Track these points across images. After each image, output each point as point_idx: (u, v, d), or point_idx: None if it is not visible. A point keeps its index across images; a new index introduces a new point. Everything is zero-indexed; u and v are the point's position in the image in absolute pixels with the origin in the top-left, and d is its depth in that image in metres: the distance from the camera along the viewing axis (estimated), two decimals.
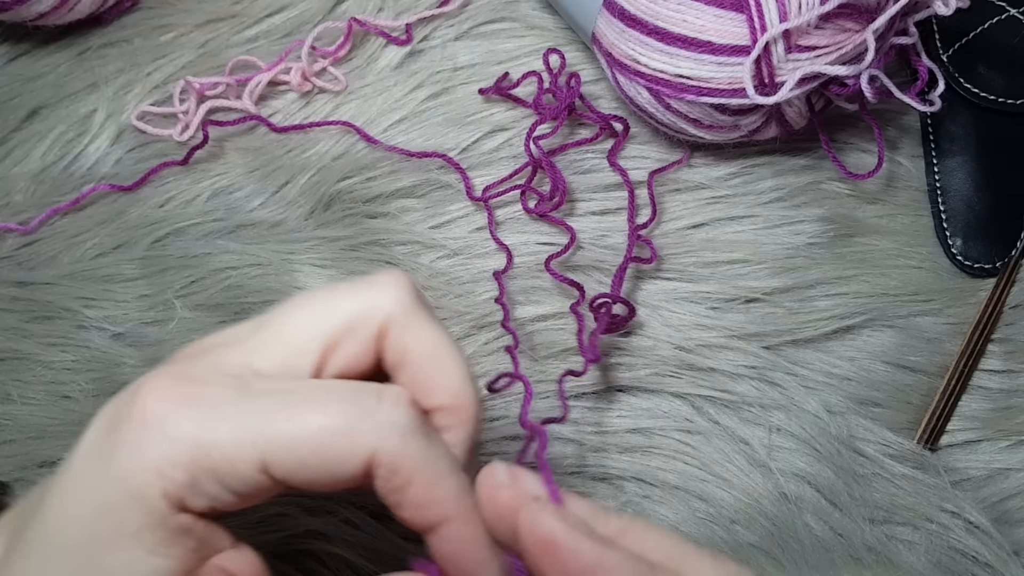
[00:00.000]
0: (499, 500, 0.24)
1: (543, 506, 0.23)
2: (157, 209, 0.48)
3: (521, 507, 0.23)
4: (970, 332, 0.44)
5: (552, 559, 0.22)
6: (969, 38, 0.49)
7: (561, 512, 0.23)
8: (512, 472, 0.24)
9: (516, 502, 0.23)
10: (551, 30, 0.51)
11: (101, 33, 0.53)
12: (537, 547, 0.22)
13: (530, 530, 0.22)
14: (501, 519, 0.24)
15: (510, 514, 0.23)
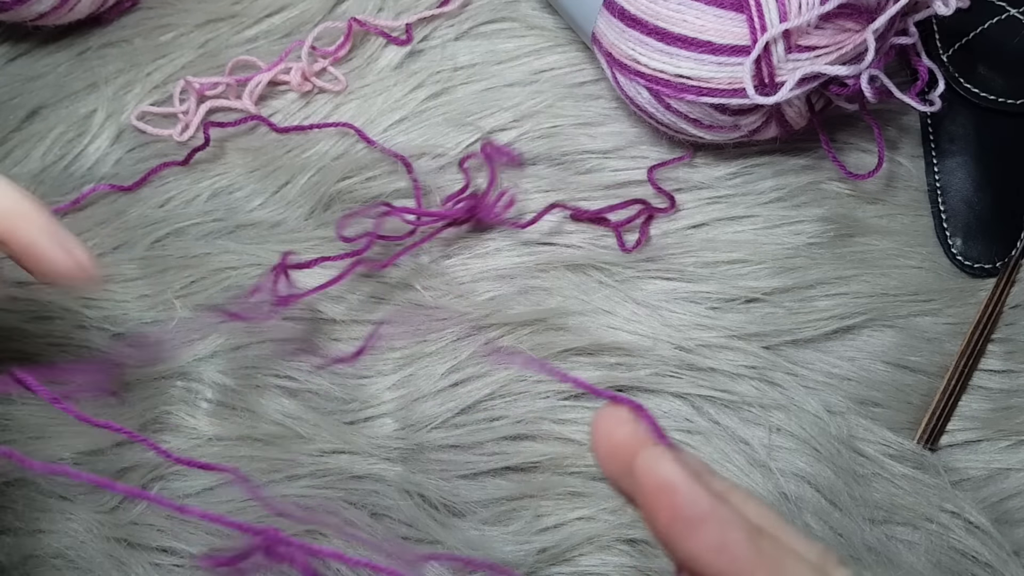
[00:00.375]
0: (616, 436, 0.24)
1: (665, 451, 0.23)
2: (157, 209, 0.48)
3: (641, 448, 0.23)
4: (970, 332, 0.44)
5: (667, 502, 0.22)
6: (969, 38, 0.49)
7: (681, 459, 0.23)
8: (634, 413, 0.24)
9: (635, 441, 0.23)
10: (551, 30, 0.51)
11: (101, 33, 0.53)
12: (654, 488, 0.22)
13: (649, 471, 0.22)
14: (615, 455, 0.24)
15: (626, 452, 0.23)
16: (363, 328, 0.44)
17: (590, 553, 0.40)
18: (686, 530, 0.22)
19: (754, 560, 0.22)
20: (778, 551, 0.22)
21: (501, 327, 0.43)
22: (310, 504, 0.41)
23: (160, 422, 0.42)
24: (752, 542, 0.22)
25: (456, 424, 0.42)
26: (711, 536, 0.22)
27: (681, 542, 0.22)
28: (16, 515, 0.41)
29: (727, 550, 0.22)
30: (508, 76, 0.50)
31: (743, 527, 0.22)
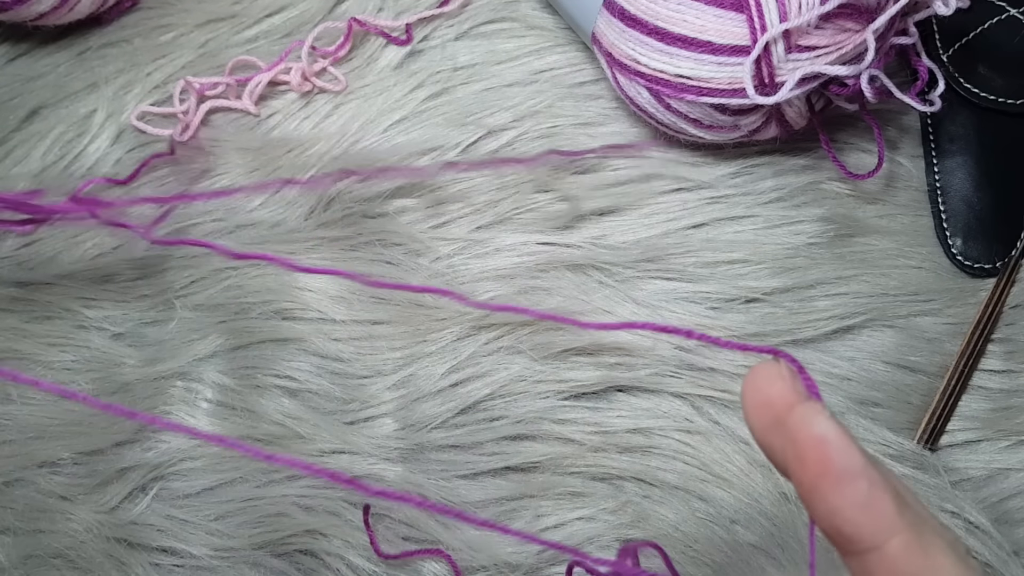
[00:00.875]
0: (773, 389, 0.25)
1: (822, 408, 0.24)
2: (156, 209, 0.48)
3: (797, 403, 0.24)
4: (970, 332, 0.44)
5: (820, 455, 0.23)
6: (969, 38, 0.49)
7: (836, 418, 0.24)
8: (793, 370, 0.25)
9: (793, 396, 0.24)
10: (551, 30, 0.51)
11: (101, 33, 0.53)
12: (809, 441, 0.23)
13: (805, 425, 0.23)
14: (768, 406, 0.25)
15: (781, 406, 0.24)
16: (363, 328, 0.44)
17: (590, 553, 0.40)
18: (835, 484, 0.23)
19: (897, 523, 0.22)
20: (919, 521, 0.23)
21: (501, 327, 0.43)
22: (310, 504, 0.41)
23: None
24: (899, 506, 0.23)
25: (456, 424, 0.42)
26: (859, 493, 0.22)
27: (828, 495, 0.23)
28: (16, 515, 0.41)
29: (873, 508, 0.22)
30: (508, 76, 0.50)
31: (891, 490, 0.23)
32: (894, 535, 0.23)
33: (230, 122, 0.51)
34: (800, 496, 0.24)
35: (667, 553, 0.25)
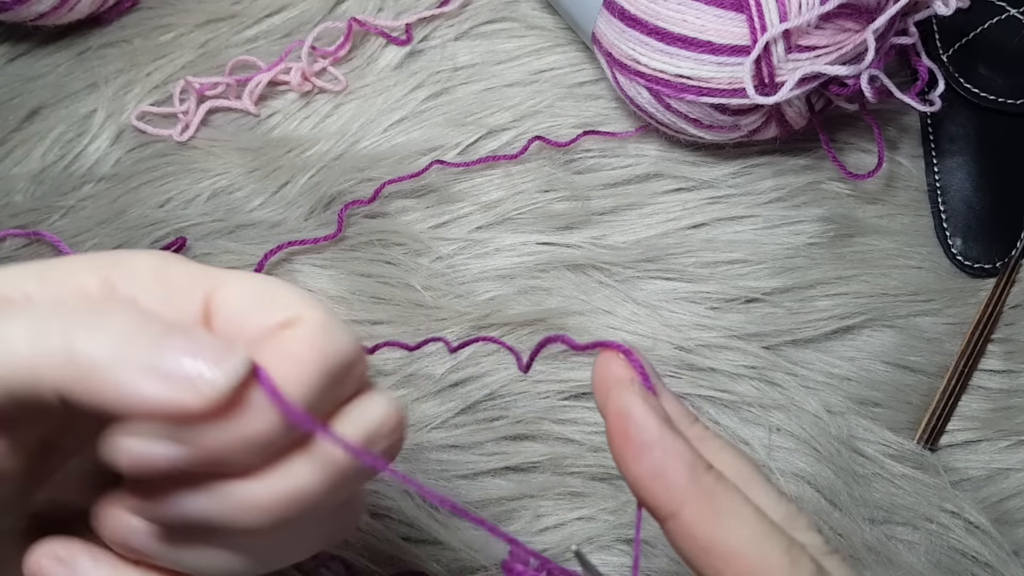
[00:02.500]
0: (609, 370, 0.26)
1: (633, 386, 0.25)
2: (157, 209, 0.48)
3: (617, 383, 0.26)
4: (970, 332, 0.44)
5: (622, 427, 0.25)
6: (969, 38, 0.49)
7: (645, 395, 0.25)
8: (627, 359, 0.26)
9: (615, 380, 0.26)
10: (551, 30, 0.51)
11: (101, 33, 0.53)
12: (614, 414, 0.25)
13: (614, 400, 0.25)
14: (599, 389, 0.26)
15: (607, 387, 0.26)
16: (363, 328, 0.44)
17: (590, 553, 0.40)
18: (634, 455, 0.24)
19: (688, 490, 0.24)
20: (722, 491, 0.24)
21: (501, 327, 0.43)
22: None
23: None
24: (692, 474, 0.24)
25: (456, 424, 0.42)
26: (653, 461, 0.24)
27: (628, 465, 0.24)
28: None
29: (663, 476, 0.24)
30: (508, 76, 0.50)
31: (686, 459, 0.24)
32: (685, 503, 0.23)
33: (230, 122, 0.51)
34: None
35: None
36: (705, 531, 0.24)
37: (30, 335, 0.20)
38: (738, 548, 0.24)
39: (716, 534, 0.24)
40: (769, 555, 0.24)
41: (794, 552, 0.24)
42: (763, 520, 0.24)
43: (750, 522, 0.24)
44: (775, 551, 0.24)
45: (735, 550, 0.24)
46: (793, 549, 0.24)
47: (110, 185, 0.49)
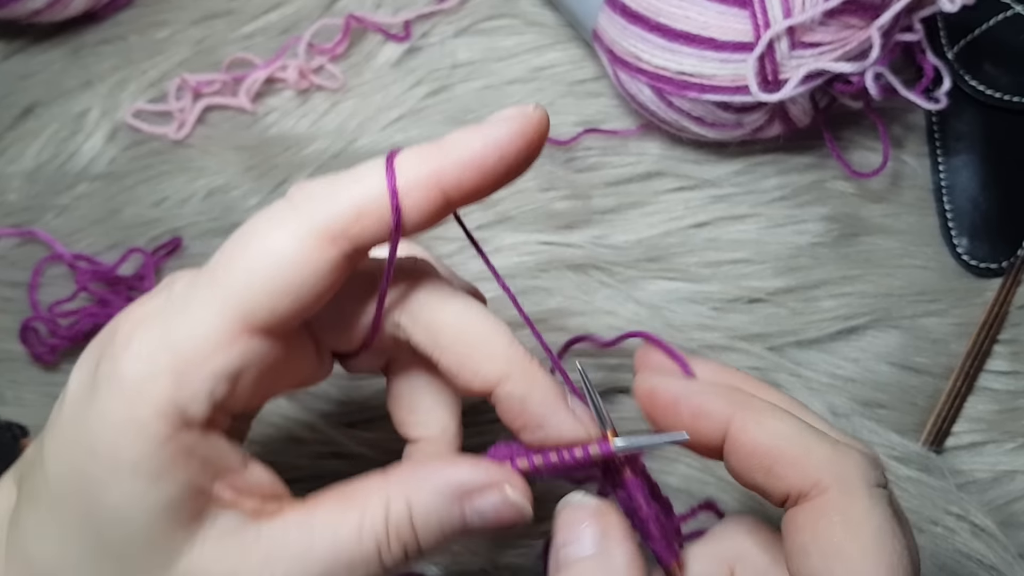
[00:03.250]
0: (646, 359, 0.31)
1: (653, 373, 0.29)
2: (152, 208, 0.48)
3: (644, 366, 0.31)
4: (976, 333, 0.44)
5: (650, 402, 0.28)
6: (975, 35, 0.48)
7: (662, 372, 0.30)
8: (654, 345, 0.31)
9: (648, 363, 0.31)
10: (551, 27, 0.51)
11: (96, 30, 0.53)
12: (643, 397, 0.29)
13: (637, 385, 0.29)
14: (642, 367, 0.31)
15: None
16: None
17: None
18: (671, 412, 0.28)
19: (727, 411, 0.27)
20: (760, 403, 0.27)
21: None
22: None
23: None
24: (728, 399, 0.27)
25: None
26: (689, 407, 0.28)
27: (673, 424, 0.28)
28: None
29: (703, 414, 0.27)
30: (508, 73, 0.50)
31: (719, 392, 0.27)
32: (730, 424, 0.27)
33: (226, 120, 0.50)
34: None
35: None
36: (749, 437, 0.26)
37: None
38: (781, 445, 0.25)
39: (759, 436, 0.25)
40: (813, 448, 0.25)
41: (841, 449, 0.25)
42: (805, 424, 0.26)
43: (790, 422, 0.26)
44: (820, 445, 0.25)
45: (779, 446, 0.25)
46: (840, 447, 0.25)
47: (105, 184, 0.48)
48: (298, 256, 0.24)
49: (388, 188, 0.24)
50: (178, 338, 0.23)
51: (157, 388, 0.23)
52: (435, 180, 0.25)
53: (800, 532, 0.24)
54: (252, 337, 0.24)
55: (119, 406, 0.23)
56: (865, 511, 0.24)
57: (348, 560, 0.25)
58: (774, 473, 0.25)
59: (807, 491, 0.25)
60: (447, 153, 0.25)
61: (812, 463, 0.25)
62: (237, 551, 0.24)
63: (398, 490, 0.26)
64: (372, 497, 0.25)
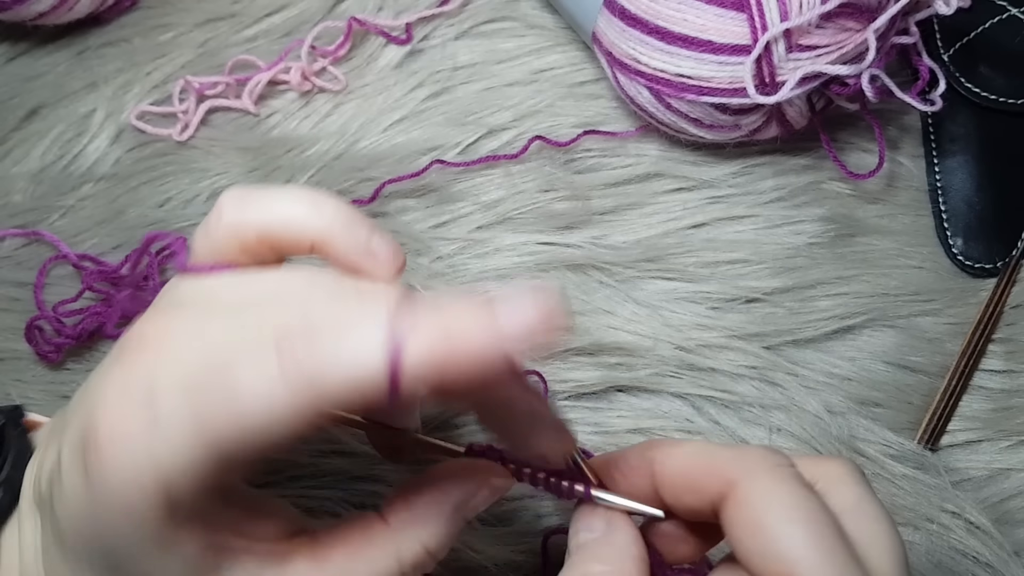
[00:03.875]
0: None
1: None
2: (156, 209, 0.48)
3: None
4: (971, 332, 0.44)
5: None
6: (970, 37, 0.48)
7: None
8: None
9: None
10: (551, 29, 0.51)
11: (100, 32, 0.53)
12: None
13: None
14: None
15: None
16: None
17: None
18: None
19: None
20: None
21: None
22: (309, 505, 0.40)
23: None
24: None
25: (456, 424, 0.42)
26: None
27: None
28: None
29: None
30: (508, 75, 0.50)
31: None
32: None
33: (230, 122, 0.51)
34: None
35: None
36: (667, 466, 0.27)
37: None
38: (692, 461, 0.27)
39: (675, 462, 0.27)
40: (718, 454, 0.27)
41: (743, 448, 0.27)
42: (709, 442, 0.28)
43: (695, 444, 0.28)
44: (724, 450, 0.27)
45: (691, 463, 0.27)
46: (743, 448, 0.27)
47: (109, 185, 0.49)
48: (284, 417, 0.23)
49: (388, 390, 0.23)
50: (161, 460, 0.23)
51: (144, 496, 0.23)
52: (435, 379, 0.23)
53: (730, 527, 0.25)
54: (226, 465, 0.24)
55: (115, 500, 0.24)
56: (770, 487, 0.25)
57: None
58: (697, 488, 0.27)
59: (725, 491, 0.26)
60: (453, 346, 0.22)
61: (719, 464, 0.26)
62: None
63: (407, 536, 0.28)
64: (380, 550, 0.27)
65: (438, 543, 0.28)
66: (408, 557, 0.27)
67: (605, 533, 0.28)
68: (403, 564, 0.27)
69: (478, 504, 0.29)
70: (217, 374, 0.23)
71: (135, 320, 0.27)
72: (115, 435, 0.24)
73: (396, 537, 0.28)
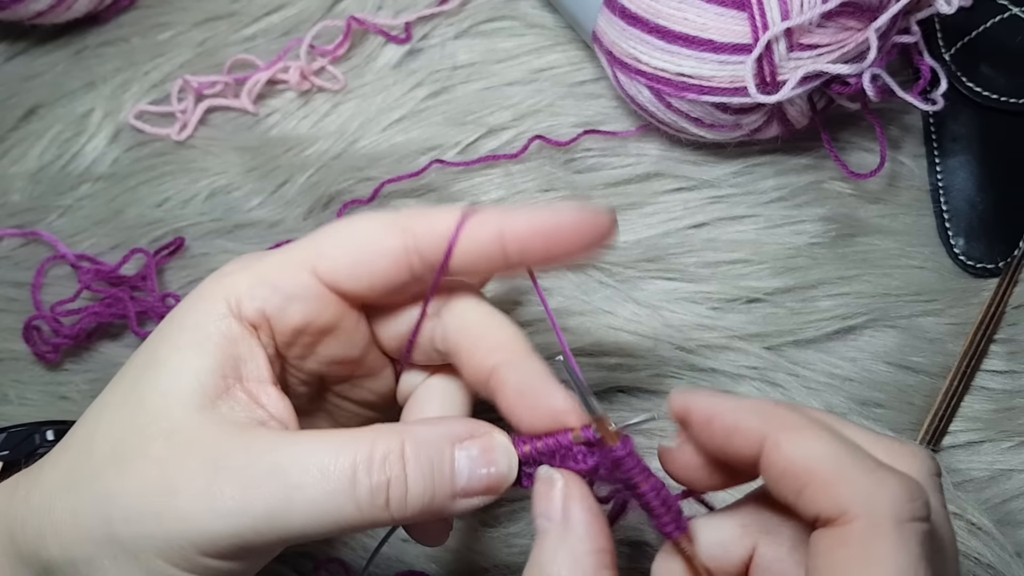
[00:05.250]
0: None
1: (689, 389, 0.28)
2: (155, 209, 0.48)
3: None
4: (972, 332, 0.44)
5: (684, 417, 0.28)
6: (971, 37, 0.48)
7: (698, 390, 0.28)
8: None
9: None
10: (551, 29, 0.51)
11: (98, 32, 0.53)
12: (676, 411, 0.28)
13: (673, 399, 0.28)
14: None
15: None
16: None
17: None
18: (705, 430, 0.27)
19: (761, 428, 0.26)
20: (796, 419, 0.26)
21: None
22: None
23: None
24: (762, 415, 0.26)
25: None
26: (722, 424, 0.27)
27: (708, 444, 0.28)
28: None
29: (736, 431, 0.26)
30: (508, 75, 0.50)
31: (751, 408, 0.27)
32: (764, 440, 0.26)
33: (228, 121, 0.50)
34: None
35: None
36: (781, 456, 0.25)
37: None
38: (812, 467, 0.24)
39: (791, 456, 0.24)
40: (846, 473, 0.24)
41: (878, 476, 0.24)
42: (843, 445, 0.25)
43: (826, 442, 0.24)
44: (855, 470, 0.24)
45: (810, 468, 0.24)
46: (877, 474, 0.24)
47: (107, 184, 0.49)
48: (373, 231, 0.29)
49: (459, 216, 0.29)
50: (265, 262, 0.30)
51: (230, 280, 0.30)
52: (496, 226, 0.29)
53: (820, 556, 0.24)
54: (313, 278, 0.29)
55: (207, 284, 0.30)
56: (888, 550, 0.23)
57: (320, 473, 0.26)
58: (804, 496, 0.24)
59: (835, 517, 0.24)
60: (517, 214, 0.29)
61: (843, 490, 0.24)
62: (229, 431, 0.27)
63: (391, 428, 0.28)
64: (361, 431, 0.28)
65: (417, 447, 0.27)
66: (383, 444, 0.27)
67: (563, 520, 0.27)
68: (376, 448, 0.27)
69: (474, 452, 0.28)
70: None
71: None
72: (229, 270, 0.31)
73: (380, 428, 0.28)
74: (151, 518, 0.26)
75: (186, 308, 0.30)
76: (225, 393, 0.28)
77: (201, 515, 0.26)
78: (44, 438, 0.36)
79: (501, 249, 0.29)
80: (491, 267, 0.30)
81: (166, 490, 0.26)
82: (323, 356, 0.31)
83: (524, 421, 0.29)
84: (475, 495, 0.28)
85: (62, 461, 0.29)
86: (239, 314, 0.29)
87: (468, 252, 0.29)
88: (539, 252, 0.29)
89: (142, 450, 0.27)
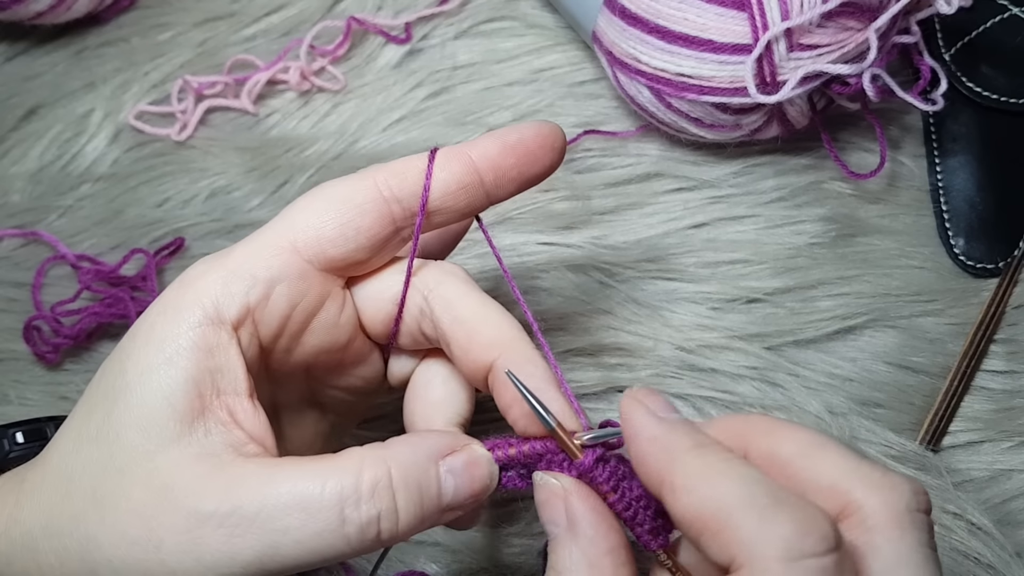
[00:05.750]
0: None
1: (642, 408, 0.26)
2: (155, 209, 0.48)
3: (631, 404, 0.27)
4: (972, 332, 0.44)
5: (627, 433, 0.26)
6: (971, 37, 0.48)
7: (649, 409, 0.26)
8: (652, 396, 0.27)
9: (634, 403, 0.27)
10: (551, 29, 0.51)
11: (99, 32, 0.53)
12: (623, 426, 0.26)
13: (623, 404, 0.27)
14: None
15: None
16: None
17: None
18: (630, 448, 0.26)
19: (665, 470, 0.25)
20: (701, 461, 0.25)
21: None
22: None
23: None
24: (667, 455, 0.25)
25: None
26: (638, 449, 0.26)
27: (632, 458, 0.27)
28: None
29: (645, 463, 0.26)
30: (508, 75, 0.50)
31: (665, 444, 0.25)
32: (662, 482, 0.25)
33: (228, 121, 0.50)
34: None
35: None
36: (677, 505, 0.24)
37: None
38: (705, 515, 0.23)
39: (686, 504, 0.24)
40: (734, 520, 0.23)
41: (766, 520, 0.22)
42: (744, 485, 0.23)
43: (724, 486, 0.23)
44: (745, 516, 0.22)
45: (702, 517, 0.23)
46: (767, 516, 0.22)
47: (108, 185, 0.49)
48: (348, 191, 0.29)
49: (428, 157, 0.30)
50: (234, 254, 0.29)
51: (203, 283, 0.28)
52: (467, 155, 0.30)
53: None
54: (294, 255, 0.28)
55: (171, 293, 0.28)
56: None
57: (306, 514, 0.25)
58: (702, 544, 0.23)
59: (727, 565, 0.23)
60: (482, 139, 0.30)
61: (728, 537, 0.23)
62: (207, 469, 0.26)
63: (375, 454, 0.27)
64: (344, 460, 0.26)
65: (406, 473, 0.26)
66: (371, 476, 0.26)
67: (571, 526, 0.27)
68: (363, 480, 0.26)
69: (455, 465, 0.27)
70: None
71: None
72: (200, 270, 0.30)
73: (364, 454, 0.27)
74: (138, 570, 0.26)
75: (152, 321, 0.28)
76: (201, 415, 0.27)
77: (188, 567, 0.25)
78: (14, 442, 0.35)
79: (477, 176, 0.30)
80: (470, 199, 0.31)
81: (150, 542, 0.26)
82: (310, 346, 0.30)
83: (519, 424, 0.29)
84: (460, 508, 0.28)
85: (42, 499, 0.28)
86: (217, 318, 0.28)
87: (446, 184, 0.30)
88: (512, 171, 0.31)
89: (123, 494, 0.26)
